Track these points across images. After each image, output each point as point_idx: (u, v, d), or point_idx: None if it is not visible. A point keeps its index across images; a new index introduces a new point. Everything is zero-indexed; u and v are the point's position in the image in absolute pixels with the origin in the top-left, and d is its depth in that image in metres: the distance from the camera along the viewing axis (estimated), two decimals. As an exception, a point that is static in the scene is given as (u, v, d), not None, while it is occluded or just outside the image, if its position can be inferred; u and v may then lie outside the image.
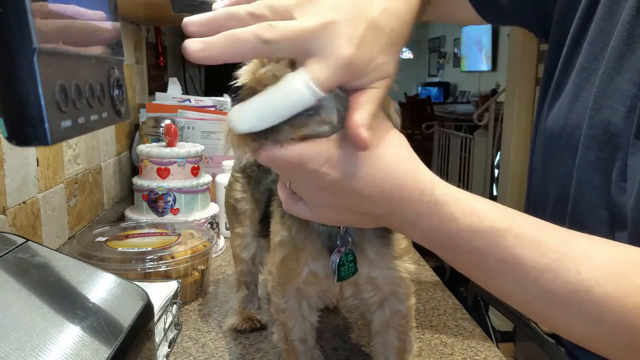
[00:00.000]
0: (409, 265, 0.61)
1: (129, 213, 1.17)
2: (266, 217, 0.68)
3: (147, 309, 0.51)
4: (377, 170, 0.43)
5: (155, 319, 0.66)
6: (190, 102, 1.54)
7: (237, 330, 0.82)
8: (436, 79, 8.96)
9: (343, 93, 0.42)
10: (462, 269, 0.48)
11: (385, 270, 0.59)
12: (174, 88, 1.63)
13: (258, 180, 0.77)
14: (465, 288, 1.20)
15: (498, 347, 0.80)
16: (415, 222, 0.45)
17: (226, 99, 1.57)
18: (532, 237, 0.44)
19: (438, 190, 0.44)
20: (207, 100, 1.54)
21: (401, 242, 0.60)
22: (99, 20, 0.38)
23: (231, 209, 0.86)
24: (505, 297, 0.48)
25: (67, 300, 0.47)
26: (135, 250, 0.88)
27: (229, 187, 0.87)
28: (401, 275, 0.60)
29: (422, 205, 0.44)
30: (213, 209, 1.21)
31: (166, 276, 0.86)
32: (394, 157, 0.44)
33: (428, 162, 3.65)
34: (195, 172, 1.18)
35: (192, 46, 0.39)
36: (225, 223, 1.25)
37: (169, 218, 1.14)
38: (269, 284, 0.66)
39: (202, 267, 0.94)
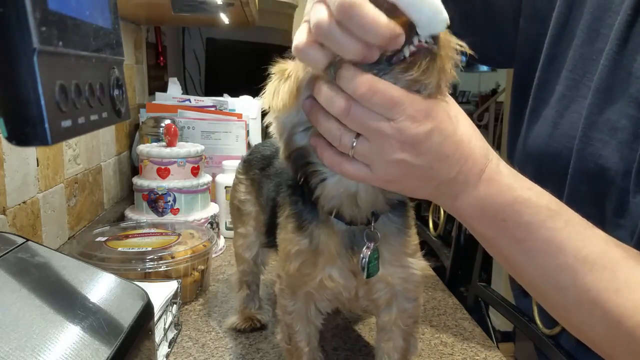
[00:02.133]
0: (422, 262, 0.61)
1: (129, 213, 1.17)
2: (272, 228, 0.67)
3: (147, 309, 0.51)
4: (461, 132, 0.44)
5: (155, 319, 0.66)
6: (190, 102, 1.54)
7: (237, 330, 0.82)
8: (436, 79, 8.92)
9: None
10: (501, 247, 0.47)
11: (399, 268, 0.59)
12: (174, 88, 1.63)
13: (260, 185, 0.77)
14: (466, 288, 1.20)
15: (498, 347, 0.80)
16: (475, 189, 0.45)
17: (226, 98, 1.57)
18: (580, 227, 0.45)
19: (501, 162, 0.46)
20: (207, 100, 1.54)
21: (415, 238, 0.60)
22: (99, 20, 0.38)
23: (235, 210, 0.86)
24: (534, 284, 0.48)
25: (67, 300, 0.47)
26: (135, 250, 0.88)
27: (233, 189, 0.87)
28: (414, 272, 0.60)
29: (486, 172, 0.45)
30: (213, 209, 1.21)
31: (166, 276, 0.86)
32: (469, 123, 0.46)
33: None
34: (195, 172, 1.18)
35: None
36: (225, 223, 1.25)
37: (169, 218, 1.14)
38: (277, 286, 0.65)
39: (202, 267, 0.94)
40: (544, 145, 0.63)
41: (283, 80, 0.49)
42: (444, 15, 0.39)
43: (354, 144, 0.44)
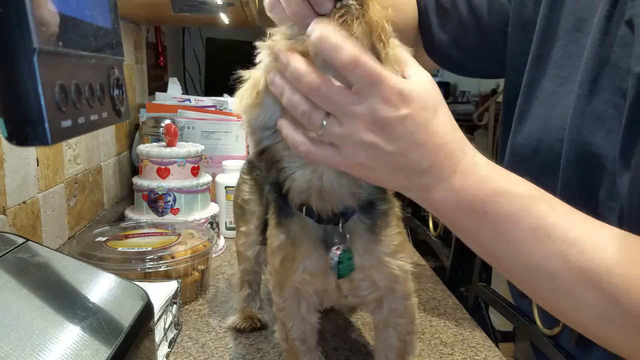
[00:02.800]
0: (403, 263, 0.59)
1: (129, 213, 1.17)
2: (265, 226, 0.69)
3: (147, 309, 0.51)
4: (437, 122, 0.43)
5: (155, 319, 0.66)
6: (190, 102, 1.54)
7: (237, 329, 0.82)
8: (436, 79, 8.87)
9: None
10: (483, 241, 0.46)
11: (377, 266, 0.58)
12: (174, 88, 1.63)
13: (262, 185, 0.78)
14: (466, 288, 1.20)
15: (498, 347, 0.80)
16: (450, 181, 0.44)
17: (226, 98, 1.57)
18: (564, 210, 0.45)
19: (477, 154, 0.45)
20: (207, 100, 1.54)
21: (394, 237, 0.59)
22: (99, 20, 0.38)
23: (238, 209, 0.86)
24: (520, 276, 0.47)
25: (67, 300, 0.47)
26: (135, 250, 0.88)
27: (237, 188, 0.87)
28: (394, 272, 0.58)
29: (462, 165, 0.44)
30: (213, 209, 1.21)
31: (166, 276, 0.86)
32: (447, 114, 0.45)
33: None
34: (195, 172, 1.18)
35: None
36: (225, 223, 1.25)
37: (169, 218, 1.14)
38: (270, 284, 0.66)
39: (202, 267, 0.94)
40: (537, 140, 0.63)
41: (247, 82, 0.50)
42: None
43: (324, 123, 0.43)
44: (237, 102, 0.51)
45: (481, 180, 0.44)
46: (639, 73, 0.51)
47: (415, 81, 0.43)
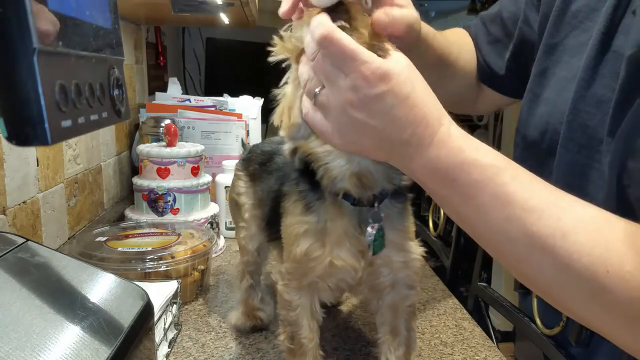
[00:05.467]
0: (420, 248, 0.64)
1: (129, 213, 1.17)
2: (273, 220, 0.69)
3: (147, 309, 0.51)
4: (415, 95, 0.47)
5: (155, 319, 0.66)
6: (190, 102, 1.54)
7: (239, 330, 0.82)
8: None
9: None
10: (454, 206, 0.50)
11: (401, 252, 0.62)
12: (174, 88, 1.63)
13: (260, 179, 0.78)
14: (466, 288, 1.20)
15: (498, 347, 0.80)
16: (427, 151, 0.48)
17: (226, 98, 1.57)
18: (526, 180, 0.48)
19: (452, 125, 0.49)
20: (207, 100, 1.54)
21: (412, 226, 0.64)
22: (99, 20, 0.38)
23: (234, 204, 0.87)
24: (486, 239, 0.51)
25: (67, 300, 0.47)
26: (135, 250, 0.88)
27: (232, 185, 0.88)
28: (414, 257, 0.63)
29: (438, 135, 0.48)
30: (213, 209, 1.21)
31: (166, 276, 0.86)
32: (424, 87, 0.48)
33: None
34: (195, 172, 1.18)
35: None
36: (225, 223, 1.25)
37: (169, 218, 1.14)
38: (280, 283, 0.65)
39: (202, 267, 0.94)
40: (545, 124, 0.66)
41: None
42: None
43: (317, 91, 0.47)
44: (276, 119, 0.57)
45: (453, 151, 0.48)
46: (629, 56, 0.54)
47: (392, 59, 0.47)
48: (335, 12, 0.47)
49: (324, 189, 0.59)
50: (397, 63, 0.47)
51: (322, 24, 0.45)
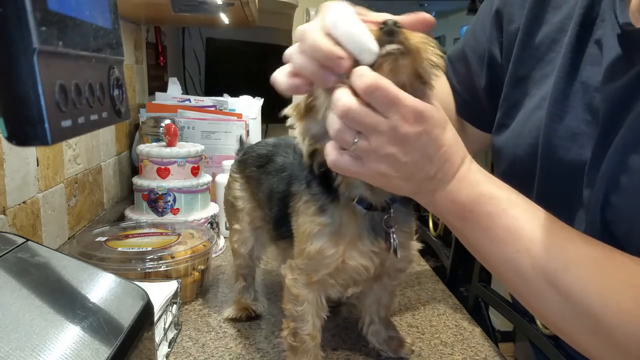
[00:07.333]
0: (418, 244, 0.70)
1: (129, 213, 1.17)
2: (281, 220, 0.70)
3: (147, 309, 0.51)
4: (445, 137, 0.50)
5: (155, 319, 0.66)
6: (190, 102, 1.54)
7: (232, 319, 0.84)
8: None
9: None
10: (470, 237, 0.54)
11: (407, 251, 0.68)
12: (174, 88, 1.63)
13: (259, 182, 0.79)
14: (466, 288, 1.20)
15: (498, 347, 0.80)
16: (449, 185, 0.51)
17: (226, 98, 1.57)
18: (536, 215, 0.51)
19: (473, 163, 0.53)
20: (207, 100, 1.54)
21: (414, 225, 0.69)
22: (99, 20, 0.38)
23: (230, 206, 0.88)
24: (499, 271, 0.53)
25: (67, 300, 0.47)
26: (135, 250, 0.88)
27: (228, 187, 0.89)
28: (414, 253, 0.70)
29: (460, 172, 0.51)
30: (213, 209, 1.21)
31: (166, 276, 0.86)
32: (453, 132, 0.52)
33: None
34: (195, 172, 1.18)
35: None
36: (225, 223, 1.25)
37: (169, 218, 1.14)
38: (289, 277, 0.67)
39: (202, 267, 0.94)
40: (512, 155, 0.69)
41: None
42: (372, 48, 0.47)
43: (356, 141, 0.49)
44: (290, 110, 0.60)
45: (471, 184, 0.51)
46: (605, 89, 0.56)
47: (428, 102, 0.50)
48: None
49: (341, 194, 0.62)
50: (433, 106, 0.50)
51: (365, 75, 0.47)
